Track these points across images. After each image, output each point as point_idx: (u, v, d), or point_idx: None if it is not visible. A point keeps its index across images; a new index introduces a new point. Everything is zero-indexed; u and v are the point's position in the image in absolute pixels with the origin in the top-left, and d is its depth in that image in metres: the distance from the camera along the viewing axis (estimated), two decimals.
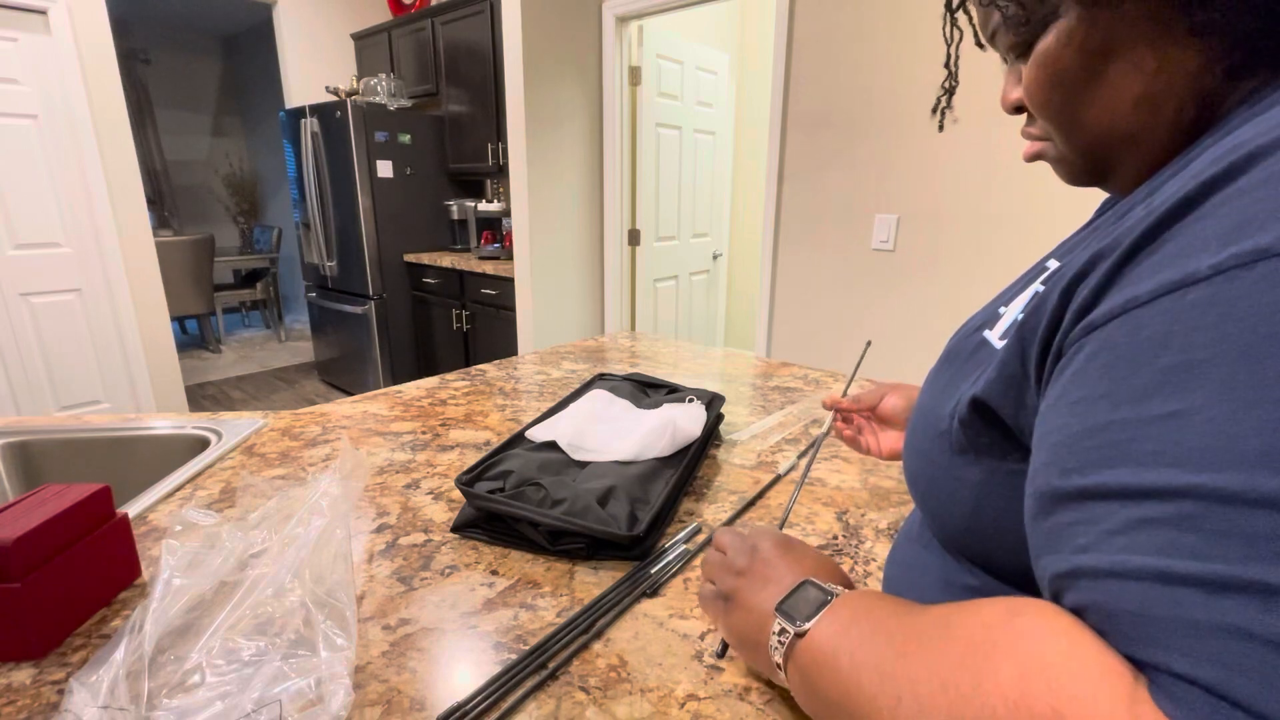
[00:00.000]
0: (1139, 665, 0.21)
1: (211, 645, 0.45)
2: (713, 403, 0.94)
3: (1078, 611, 0.24)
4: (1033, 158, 0.40)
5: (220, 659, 0.44)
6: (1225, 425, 0.20)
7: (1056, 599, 0.26)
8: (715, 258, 3.63)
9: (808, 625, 0.35)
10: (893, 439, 0.69)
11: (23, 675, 0.47)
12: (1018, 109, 0.38)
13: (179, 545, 0.53)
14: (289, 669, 0.43)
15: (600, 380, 1.03)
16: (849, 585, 0.41)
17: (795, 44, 2.19)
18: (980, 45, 0.42)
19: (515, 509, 0.63)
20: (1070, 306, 0.27)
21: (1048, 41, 0.33)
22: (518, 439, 0.80)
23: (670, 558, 0.62)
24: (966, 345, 0.41)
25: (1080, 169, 0.37)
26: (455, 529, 0.68)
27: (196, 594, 0.50)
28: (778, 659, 0.37)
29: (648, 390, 1.01)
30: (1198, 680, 0.19)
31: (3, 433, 0.92)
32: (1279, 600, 0.18)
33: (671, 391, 1.00)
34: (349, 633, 0.47)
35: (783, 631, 0.37)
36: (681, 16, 2.76)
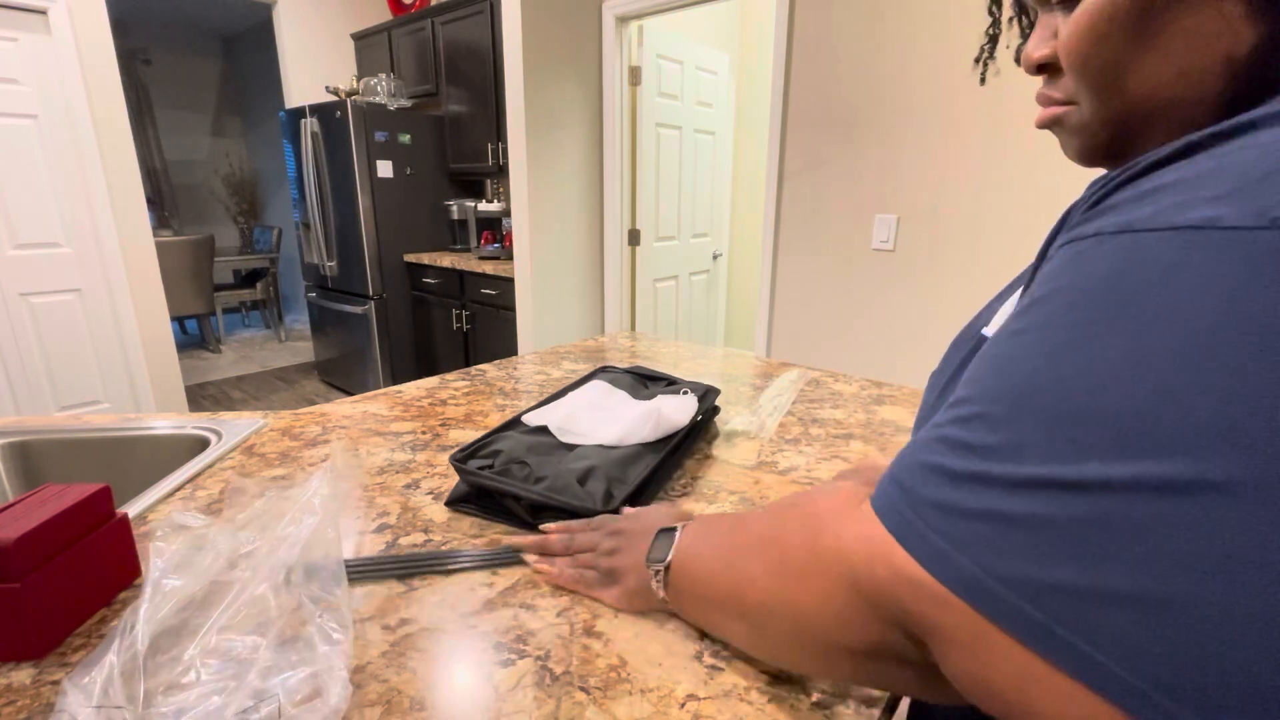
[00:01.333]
0: (889, 478, 0.32)
1: (206, 643, 0.45)
2: (706, 395, 0.95)
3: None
4: (1047, 124, 0.37)
5: (215, 656, 0.44)
6: (1021, 343, 0.27)
7: None
8: (715, 258, 3.63)
9: (669, 556, 0.48)
10: None
11: (23, 675, 0.47)
12: (1042, 68, 0.35)
13: (166, 547, 0.53)
14: (285, 664, 0.43)
15: (602, 372, 1.05)
16: (690, 518, 0.53)
17: (795, 44, 2.19)
18: None
19: (500, 484, 0.67)
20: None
21: None
22: (514, 423, 0.85)
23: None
24: (965, 345, 0.41)
25: (1100, 141, 0.34)
26: (449, 503, 0.72)
27: (188, 594, 0.49)
28: (662, 594, 0.49)
29: (647, 383, 1.03)
30: (896, 478, 0.31)
31: (3, 433, 0.92)
32: (957, 445, 0.28)
33: (670, 384, 1.01)
34: (345, 626, 0.47)
35: (657, 572, 0.49)
36: (681, 16, 2.76)
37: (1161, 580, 0.21)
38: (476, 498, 0.71)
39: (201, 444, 0.91)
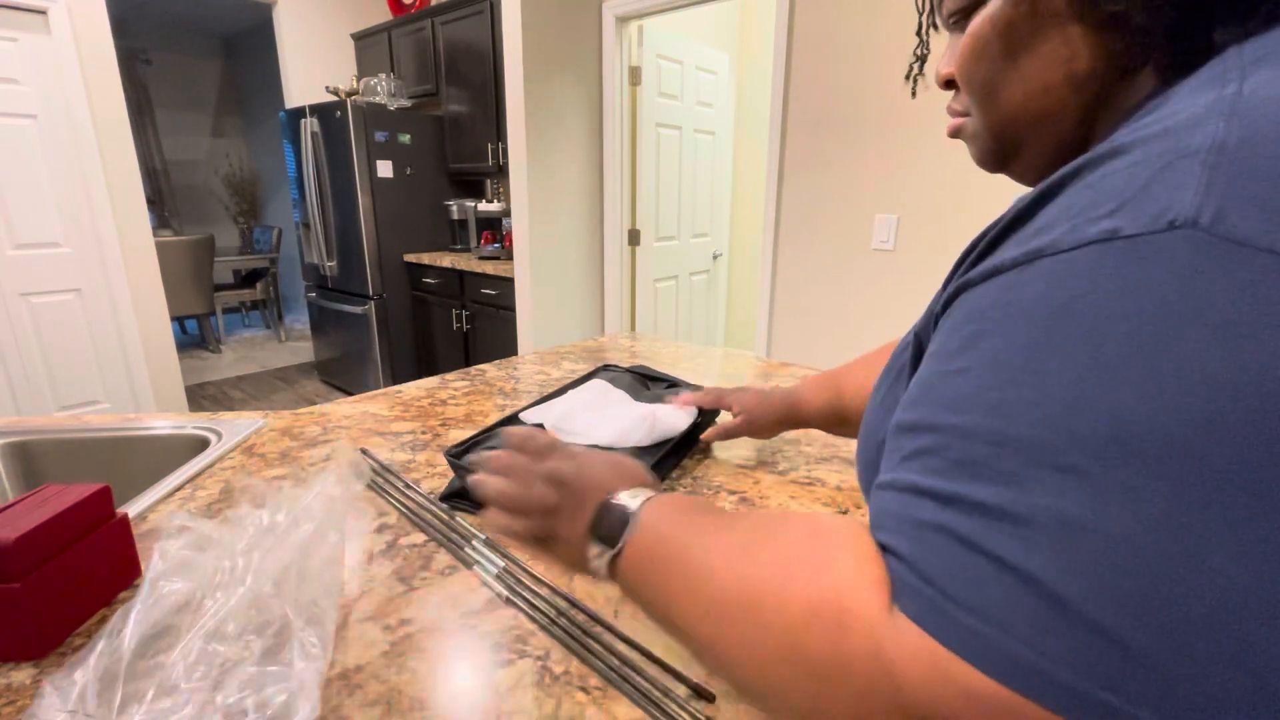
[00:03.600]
0: (883, 548, 0.28)
1: (189, 650, 0.45)
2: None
3: (871, 514, 0.31)
4: (953, 133, 0.41)
5: (199, 663, 0.44)
6: (980, 380, 0.26)
7: (870, 504, 0.32)
8: (715, 258, 3.63)
9: (619, 547, 0.38)
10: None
11: (23, 675, 0.47)
12: (949, 84, 0.40)
13: (170, 546, 0.53)
14: (263, 676, 0.43)
15: (603, 371, 1.05)
16: (644, 481, 0.43)
17: (795, 44, 2.19)
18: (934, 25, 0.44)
19: None
20: (946, 291, 0.33)
21: (980, 15, 0.35)
22: (511, 420, 0.86)
23: None
24: (901, 355, 0.41)
25: (989, 148, 0.39)
26: (443, 498, 0.72)
27: (183, 596, 0.49)
28: (604, 574, 0.40)
29: (648, 384, 1.02)
30: (906, 558, 0.26)
31: (3, 433, 0.92)
32: (969, 507, 0.25)
33: (671, 385, 1.01)
34: (326, 643, 0.47)
35: (600, 554, 0.40)
36: (681, 16, 2.76)
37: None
38: (469, 494, 0.71)
39: (201, 444, 0.91)
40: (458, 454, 0.73)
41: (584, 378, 1.01)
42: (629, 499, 0.40)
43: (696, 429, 0.87)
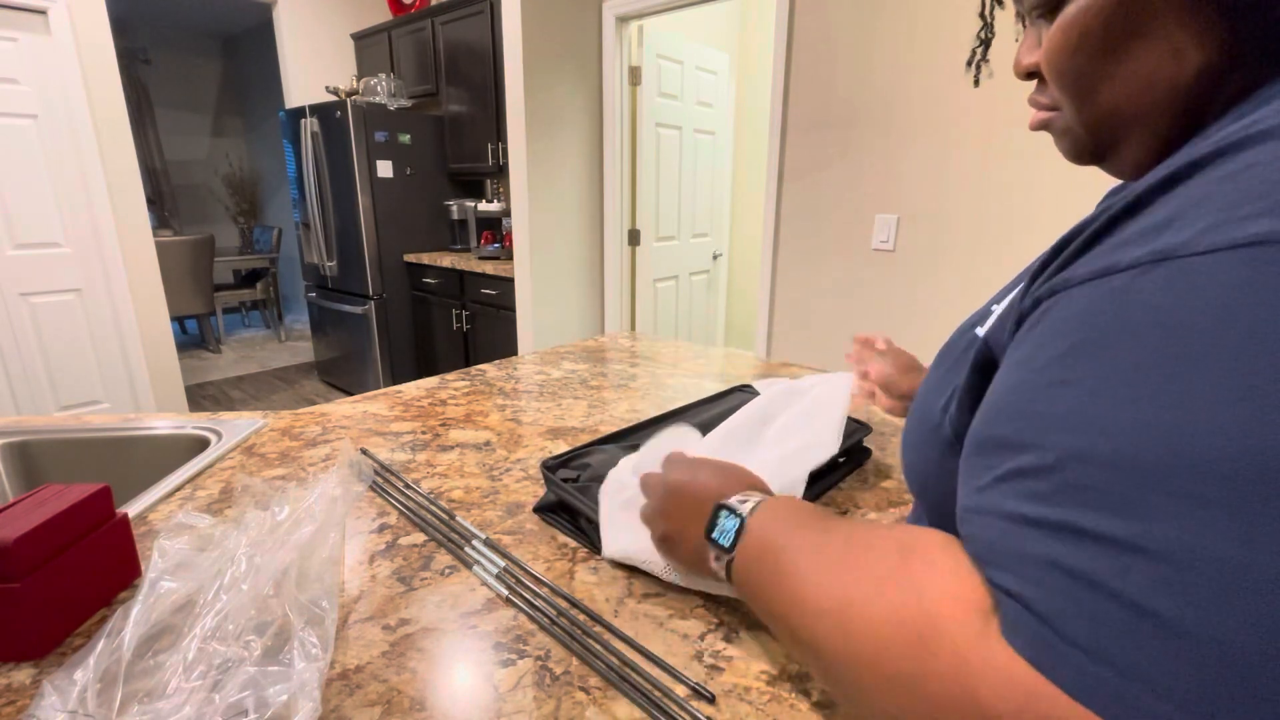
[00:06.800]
0: (991, 584, 0.26)
1: (189, 650, 0.45)
2: (855, 449, 0.82)
3: (966, 539, 0.29)
4: (1038, 127, 0.39)
5: (198, 663, 0.44)
6: (1093, 396, 0.24)
7: (961, 525, 0.30)
8: (715, 258, 3.63)
9: (732, 555, 0.42)
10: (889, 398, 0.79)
11: (23, 675, 0.47)
12: (1030, 74, 0.38)
13: (170, 546, 0.53)
14: (263, 677, 0.43)
15: (739, 392, 0.95)
16: (755, 484, 0.47)
17: (795, 44, 2.19)
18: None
19: (575, 500, 0.65)
20: (1032, 290, 0.30)
21: (1077, 4, 0.32)
22: (619, 435, 0.81)
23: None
24: (959, 344, 0.42)
25: (1084, 144, 0.36)
26: (536, 510, 0.71)
27: (183, 596, 0.49)
28: (724, 577, 0.43)
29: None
30: (1019, 595, 0.24)
31: (3, 433, 0.92)
32: (1086, 541, 0.22)
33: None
34: (326, 644, 0.47)
35: (718, 557, 0.43)
36: (681, 16, 2.76)
37: None
38: (559, 509, 0.70)
39: (201, 444, 0.91)
40: (552, 467, 0.71)
41: (725, 393, 0.93)
42: (739, 504, 0.43)
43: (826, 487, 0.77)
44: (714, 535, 0.43)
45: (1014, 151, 1.80)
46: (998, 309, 0.40)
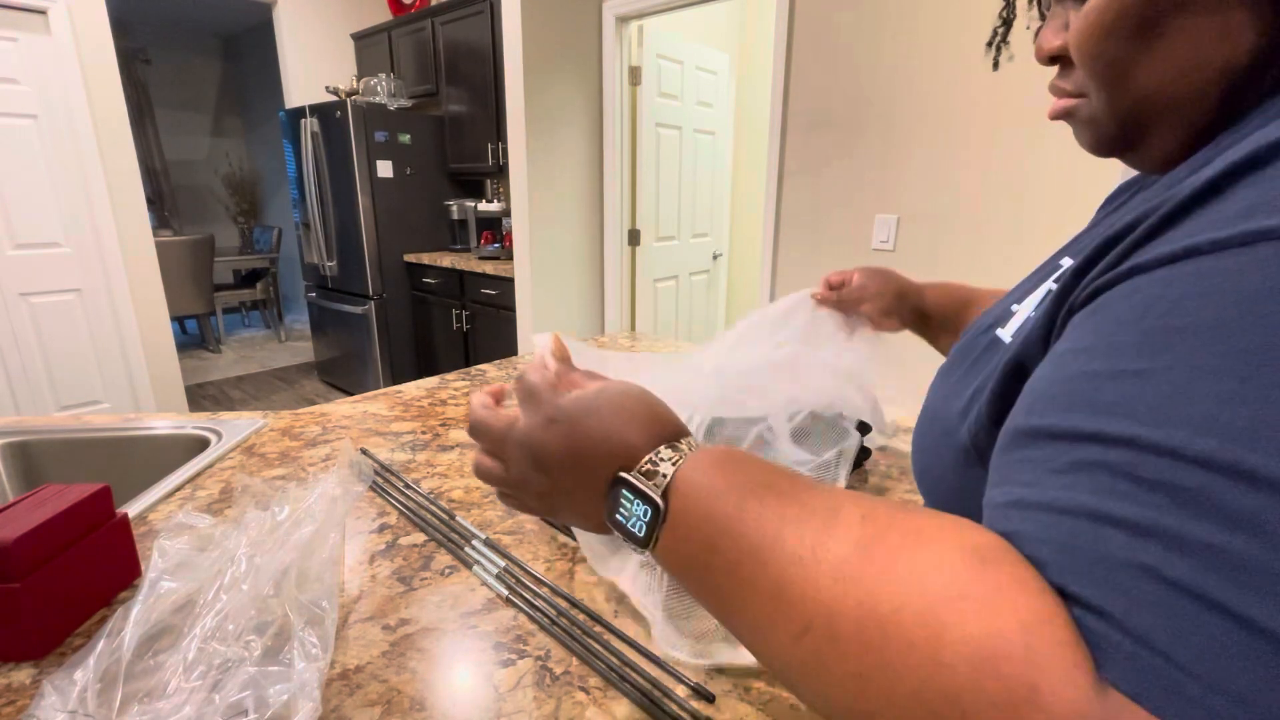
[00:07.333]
0: (1060, 592, 0.21)
1: (189, 650, 0.45)
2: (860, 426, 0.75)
3: (1005, 537, 0.24)
4: (1059, 116, 0.37)
5: (198, 663, 0.44)
6: (1181, 387, 0.20)
7: (990, 523, 0.25)
8: (715, 258, 3.63)
9: (651, 547, 0.30)
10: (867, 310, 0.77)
11: (23, 675, 0.47)
12: (1054, 59, 0.35)
13: (170, 546, 0.53)
14: (263, 677, 0.43)
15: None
16: (663, 435, 0.32)
17: (795, 44, 2.19)
18: None
19: None
20: (1085, 284, 0.27)
21: None
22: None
23: None
24: (977, 344, 0.40)
25: (1110, 134, 0.34)
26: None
27: (183, 596, 0.49)
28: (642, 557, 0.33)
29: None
30: (1104, 609, 0.20)
31: (3, 433, 0.92)
32: (1187, 547, 0.19)
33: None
34: (326, 644, 0.47)
35: (632, 547, 0.31)
36: (681, 16, 2.76)
37: None
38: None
39: (201, 444, 0.91)
40: None
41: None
42: (649, 476, 0.30)
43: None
44: (620, 520, 0.31)
45: (1014, 151, 1.80)
46: (1019, 308, 0.38)
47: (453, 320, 3.30)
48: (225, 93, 5.86)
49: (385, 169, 3.26)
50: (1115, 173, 1.38)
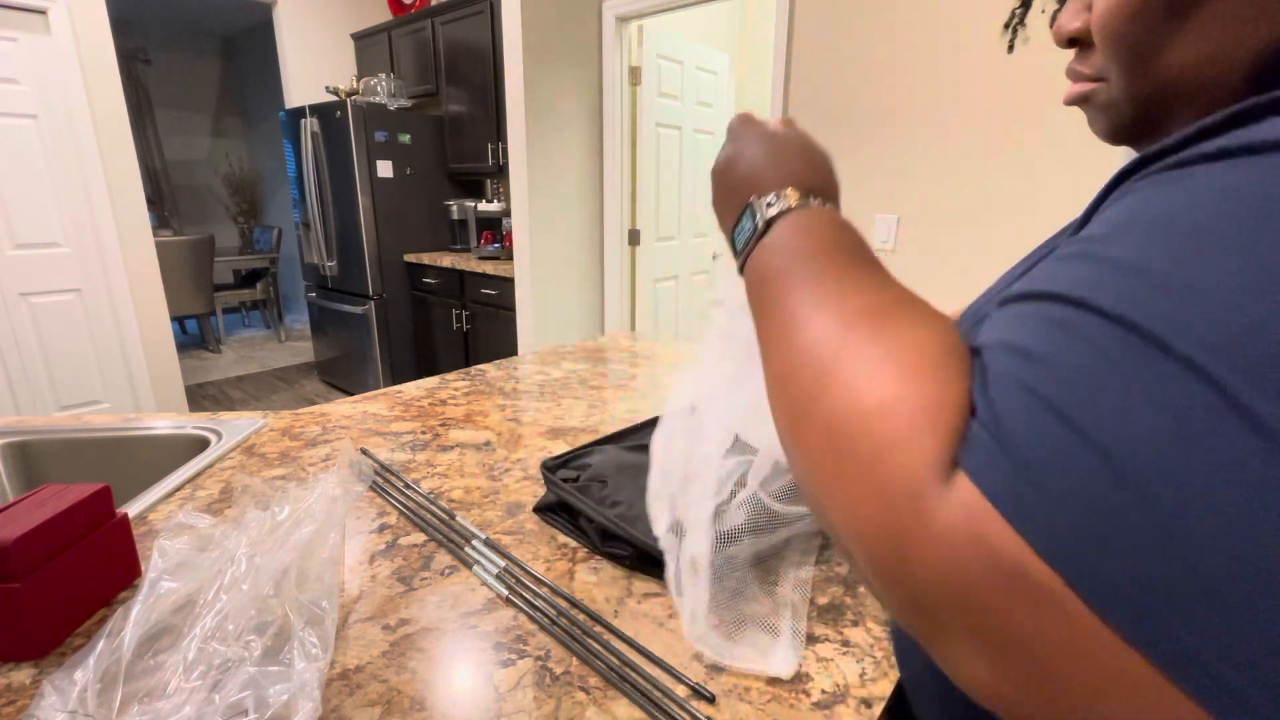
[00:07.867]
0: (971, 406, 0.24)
1: (189, 650, 0.45)
2: None
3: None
4: (1075, 101, 0.36)
5: (198, 663, 0.44)
6: (1136, 256, 0.22)
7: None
8: (715, 258, 3.63)
9: (740, 264, 0.38)
10: None
11: (22, 675, 0.47)
12: (1073, 42, 0.34)
13: (170, 546, 0.53)
14: (263, 677, 0.43)
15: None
16: (808, 185, 0.40)
17: (795, 44, 2.19)
18: None
19: (575, 500, 0.65)
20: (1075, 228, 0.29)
21: None
22: (619, 435, 0.81)
23: None
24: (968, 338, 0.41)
25: (1128, 120, 0.33)
26: (536, 510, 0.71)
27: (183, 596, 0.49)
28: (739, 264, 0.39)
29: None
30: (980, 413, 0.23)
31: (3, 433, 0.92)
32: (1041, 362, 0.22)
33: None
34: (326, 644, 0.47)
35: (733, 255, 0.40)
36: (681, 16, 2.76)
37: None
38: (561, 509, 0.69)
39: (201, 444, 0.91)
40: (552, 468, 0.71)
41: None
42: (768, 207, 0.37)
43: None
44: (735, 233, 0.40)
45: (1014, 151, 1.80)
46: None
47: (453, 320, 3.30)
48: (225, 93, 5.86)
49: (385, 169, 3.26)
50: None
